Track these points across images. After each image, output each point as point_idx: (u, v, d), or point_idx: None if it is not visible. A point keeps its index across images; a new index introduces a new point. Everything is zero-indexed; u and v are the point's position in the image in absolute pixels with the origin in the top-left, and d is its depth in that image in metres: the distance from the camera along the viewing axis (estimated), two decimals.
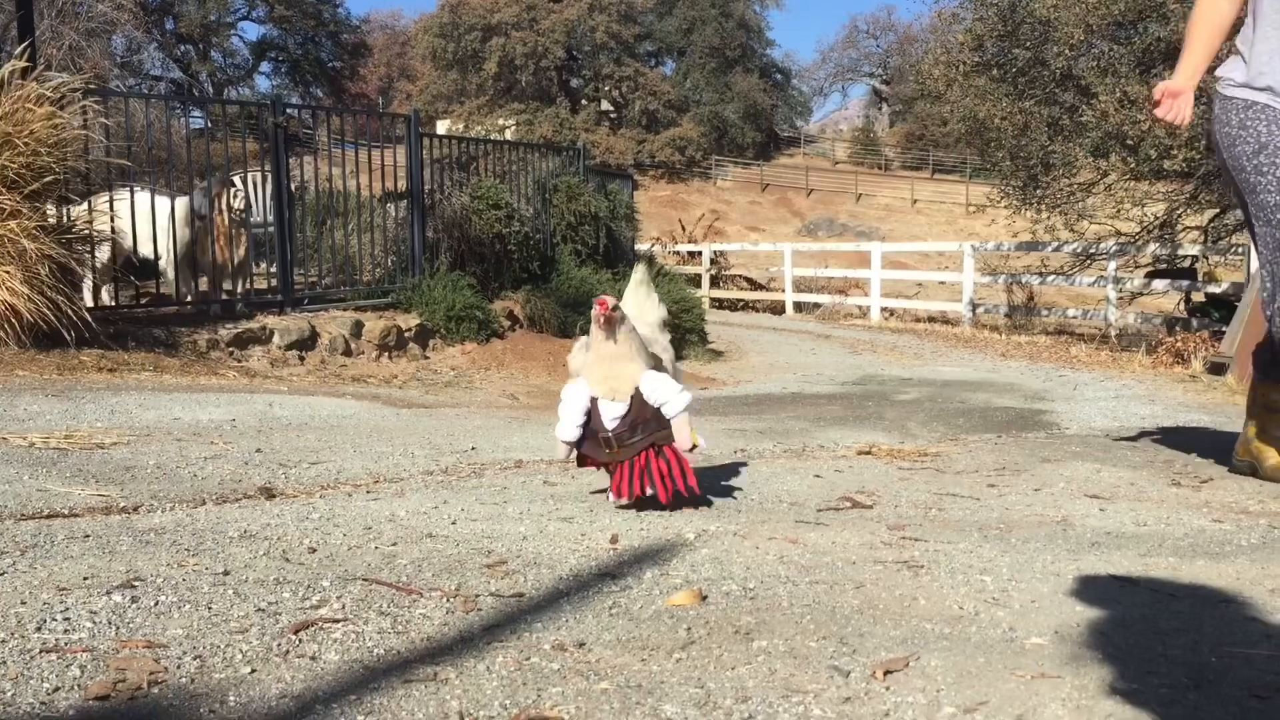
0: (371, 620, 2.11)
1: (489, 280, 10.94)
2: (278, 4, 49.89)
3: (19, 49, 7.08)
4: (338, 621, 2.08)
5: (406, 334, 9.45)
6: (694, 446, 3.38)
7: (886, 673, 1.84)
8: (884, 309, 19.67)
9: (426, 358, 9.47)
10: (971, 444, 5.82)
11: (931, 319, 19.58)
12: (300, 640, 1.94)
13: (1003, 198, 15.96)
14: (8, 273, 6.34)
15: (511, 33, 48.19)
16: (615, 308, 3.27)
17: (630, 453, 3.37)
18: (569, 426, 3.38)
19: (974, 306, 17.71)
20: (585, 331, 3.68)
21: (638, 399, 3.31)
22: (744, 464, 4.80)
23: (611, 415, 3.32)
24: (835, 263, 23.70)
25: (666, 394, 3.33)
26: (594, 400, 3.34)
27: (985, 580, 2.55)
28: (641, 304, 3.66)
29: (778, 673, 1.85)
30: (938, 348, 14.49)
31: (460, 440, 5.23)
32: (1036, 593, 2.44)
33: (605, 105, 53.00)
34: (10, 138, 6.67)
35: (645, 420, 3.33)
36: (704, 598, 2.33)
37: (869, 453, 5.26)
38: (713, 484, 4.15)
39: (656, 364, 3.41)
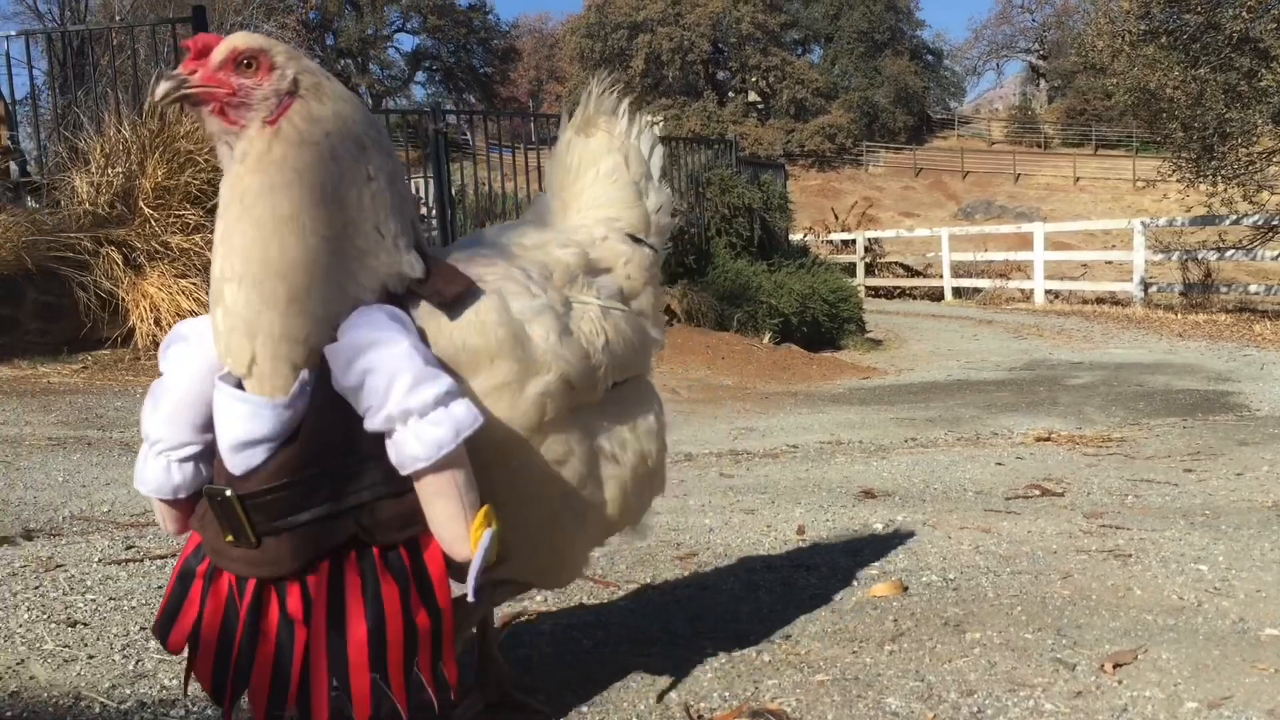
0: (574, 614, 2.13)
1: None
2: (431, 14, 51.31)
3: None
4: (544, 614, 2.12)
5: None
6: (488, 566, 1.29)
7: (1115, 665, 1.77)
8: (1048, 291, 19.01)
9: None
10: (1157, 428, 5.58)
11: (1100, 300, 18.86)
12: (514, 632, 1.97)
13: (1175, 171, 15.23)
14: (194, 284, 6.64)
15: (657, 29, 48.40)
16: (254, 57, 1.33)
17: (280, 562, 1.29)
18: (161, 464, 1.38)
19: (1146, 286, 16.98)
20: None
21: (322, 388, 1.30)
22: (919, 453, 4.70)
23: (239, 431, 1.30)
24: (994, 246, 23.01)
25: (397, 381, 1.26)
26: (220, 382, 1.33)
27: (1202, 569, 2.43)
28: (568, 181, 1.72)
29: (998, 665, 1.79)
30: (1108, 330, 13.96)
31: None
32: (1260, 581, 2.32)
33: (753, 96, 52.70)
34: (192, 155, 7.00)
35: (335, 464, 1.31)
36: (905, 588, 2.29)
37: (1048, 439, 5.11)
38: (891, 473, 4.08)
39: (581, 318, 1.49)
